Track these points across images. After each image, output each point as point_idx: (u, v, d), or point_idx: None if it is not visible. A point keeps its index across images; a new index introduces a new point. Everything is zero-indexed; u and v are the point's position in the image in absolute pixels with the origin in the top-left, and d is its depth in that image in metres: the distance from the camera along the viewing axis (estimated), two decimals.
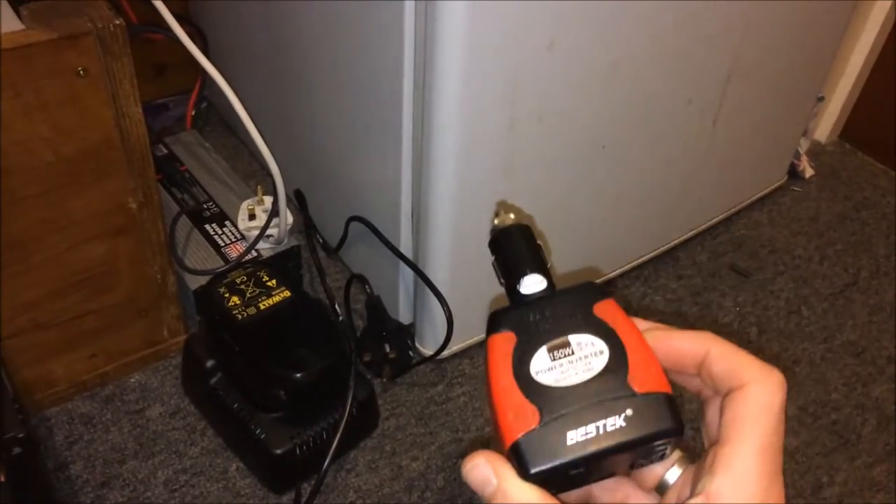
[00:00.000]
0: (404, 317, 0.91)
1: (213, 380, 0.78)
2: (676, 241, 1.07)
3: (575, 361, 0.30)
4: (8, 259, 0.70)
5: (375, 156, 0.82)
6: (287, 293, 0.77)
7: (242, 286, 0.77)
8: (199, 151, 1.06)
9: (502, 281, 0.34)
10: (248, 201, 0.94)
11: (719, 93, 0.91)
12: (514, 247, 0.34)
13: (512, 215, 0.35)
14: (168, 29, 0.75)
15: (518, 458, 0.28)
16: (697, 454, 0.31)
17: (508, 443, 0.28)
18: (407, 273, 0.86)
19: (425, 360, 0.89)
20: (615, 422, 0.28)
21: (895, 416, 0.90)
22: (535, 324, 0.31)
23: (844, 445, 0.87)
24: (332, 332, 0.76)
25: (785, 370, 1.02)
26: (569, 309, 0.31)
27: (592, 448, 0.28)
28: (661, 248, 1.06)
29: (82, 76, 0.66)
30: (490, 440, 0.32)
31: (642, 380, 0.29)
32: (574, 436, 0.28)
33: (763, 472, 0.27)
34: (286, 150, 0.94)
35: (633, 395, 0.29)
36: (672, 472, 0.32)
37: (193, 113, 1.13)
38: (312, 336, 0.75)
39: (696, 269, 1.07)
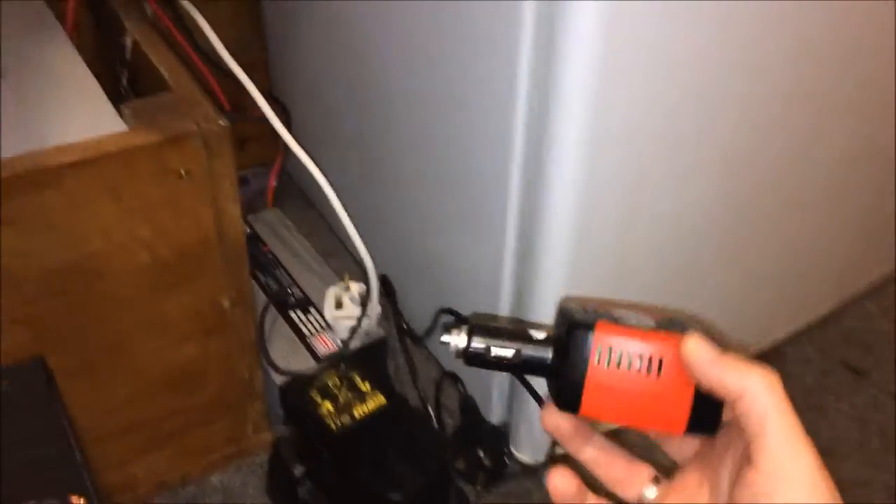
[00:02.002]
0: (496, 415, 0.86)
1: (302, 489, 0.73)
2: (784, 336, 1.00)
3: (637, 321, 0.36)
4: (100, 363, 0.67)
5: (473, 244, 0.77)
6: (381, 399, 0.73)
7: (335, 389, 0.73)
8: (281, 231, 1.03)
9: (512, 358, 0.36)
10: (335, 288, 0.90)
11: (837, 178, 0.85)
12: (494, 330, 0.37)
13: (459, 329, 0.37)
14: (255, 108, 0.73)
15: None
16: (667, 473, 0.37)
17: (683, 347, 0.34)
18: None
19: (522, 469, 0.83)
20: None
21: None
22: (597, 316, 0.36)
23: None
24: (429, 443, 0.72)
25: None
26: (588, 316, 0.36)
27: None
28: (767, 343, 0.99)
29: (184, 178, 0.63)
30: None
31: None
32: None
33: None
34: (371, 231, 0.91)
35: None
36: (649, 490, 0.37)
37: (275, 187, 1.10)
38: (409, 448, 0.71)
39: (807, 367, 0.99)
